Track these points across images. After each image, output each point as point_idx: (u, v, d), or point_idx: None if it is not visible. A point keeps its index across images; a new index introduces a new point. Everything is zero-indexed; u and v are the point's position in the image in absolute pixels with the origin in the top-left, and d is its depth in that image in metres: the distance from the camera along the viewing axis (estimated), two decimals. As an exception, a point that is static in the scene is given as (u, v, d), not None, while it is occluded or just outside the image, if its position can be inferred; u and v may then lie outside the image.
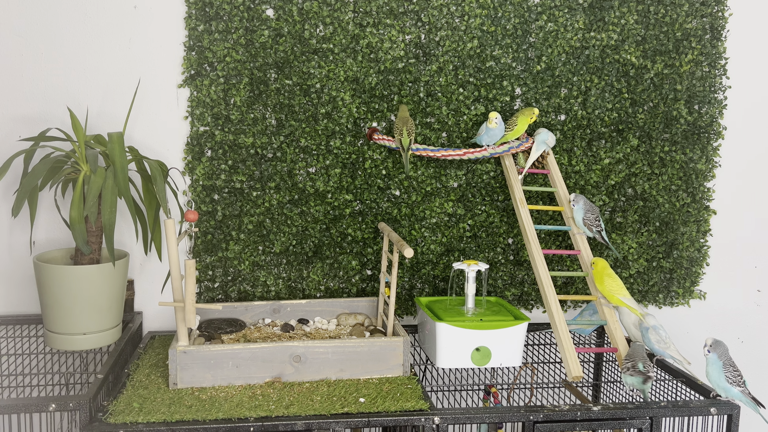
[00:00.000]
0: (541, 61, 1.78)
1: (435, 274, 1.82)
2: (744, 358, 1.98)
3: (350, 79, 1.72)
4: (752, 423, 1.89)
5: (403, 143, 1.67)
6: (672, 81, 1.83)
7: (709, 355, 1.40)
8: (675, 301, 1.93)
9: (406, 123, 1.67)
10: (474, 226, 1.81)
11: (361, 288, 1.80)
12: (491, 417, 1.29)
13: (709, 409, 1.35)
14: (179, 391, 1.34)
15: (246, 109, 1.70)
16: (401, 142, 1.67)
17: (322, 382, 1.39)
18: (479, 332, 1.45)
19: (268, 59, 1.69)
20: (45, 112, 1.66)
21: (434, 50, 1.75)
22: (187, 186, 1.72)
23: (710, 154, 1.88)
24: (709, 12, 1.83)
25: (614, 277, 1.56)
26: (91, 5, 1.65)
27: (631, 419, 1.33)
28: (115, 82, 1.68)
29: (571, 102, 1.80)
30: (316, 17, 1.70)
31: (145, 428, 1.19)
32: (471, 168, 1.79)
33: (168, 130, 1.71)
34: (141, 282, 1.74)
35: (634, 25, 1.80)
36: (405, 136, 1.66)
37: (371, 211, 1.77)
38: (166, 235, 1.32)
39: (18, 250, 1.68)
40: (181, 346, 1.36)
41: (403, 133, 1.66)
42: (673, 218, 1.88)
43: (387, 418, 1.26)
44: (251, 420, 1.22)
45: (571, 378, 1.43)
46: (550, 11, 1.77)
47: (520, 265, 1.84)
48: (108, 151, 1.44)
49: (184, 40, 1.69)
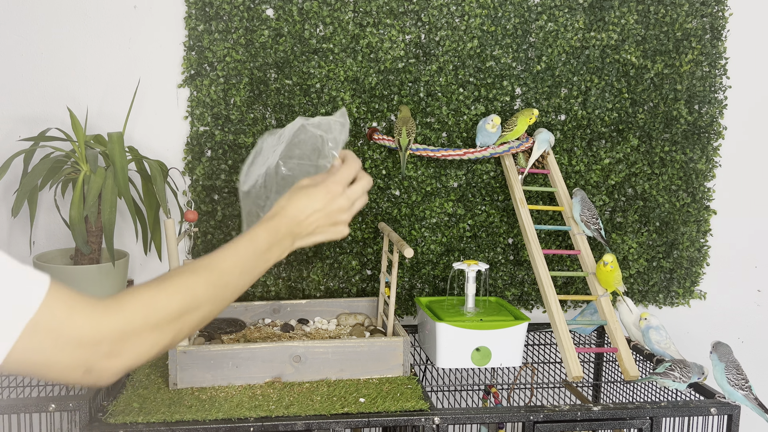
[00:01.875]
0: (541, 61, 1.78)
1: (435, 274, 1.81)
2: (744, 358, 1.97)
3: (350, 79, 1.72)
4: (753, 423, 1.89)
5: (401, 143, 1.67)
6: (672, 81, 1.83)
7: (711, 356, 1.40)
8: (675, 301, 1.93)
9: (407, 123, 1.67)
10: (474, 226, 1.81)
11: (361, 288, 1.80)
12: (491, 417, 1.29)
13: (709, 409, 1.35)
14: (179, 391, 1.34)
15: (246, 109, 1.70)
16: (399, 141, 1.67)
17: (322, 382, 1.39)
18: (479, 332, 1.45)
19: (268, 59, 1.69)
20: (45, 112, 1.66)
21: (434, 50, 1.75)
22: (187, 186, 1.72)
23: (710, 154, 1.88)
24: (709, 12, 1.83)
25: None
26: (91, 5, 1.65)
27: (631, 419, 1.33)
28: (115, 82, 1.68)
29: (571, 102, 1.80)
30: (316, 17, 1.70)
31: (145, 428, 1.19)
32: (471, 168, 1.79)
33: (168, 130, 1.71)
34: (141, 282, 1.74)
35: (634, 25, 1.80)
36: (404, 136, 1.66)
37: (371, 211, 1.77)
38: (166, 235, 1.32)
39: (18, 250, 1.68)
40: (180, 346, 1.36)
41: (402, 133, 1.66)
42: (673, 218, 1.88)
43: (387, 418, 1.26)
44: (251, 420, 1.22)
45: (571, 378, 1.43)
46: (550, 11, 1.77)
47: (520, 265, 1.84)
48: (108, 151, 1.44)
49: (184, 40, 1.69)
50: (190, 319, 0.79)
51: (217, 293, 0.82)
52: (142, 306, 0.74)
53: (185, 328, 0.79)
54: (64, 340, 0.67)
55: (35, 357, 0.66)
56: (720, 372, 1.38)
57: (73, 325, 0.67)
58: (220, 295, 0.83)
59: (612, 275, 1.55)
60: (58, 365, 0.68)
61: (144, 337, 0.73)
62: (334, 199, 0.95)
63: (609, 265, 1.54)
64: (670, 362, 1.44)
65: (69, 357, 0.68)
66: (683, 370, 1.41)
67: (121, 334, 0.71)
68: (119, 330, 0.71)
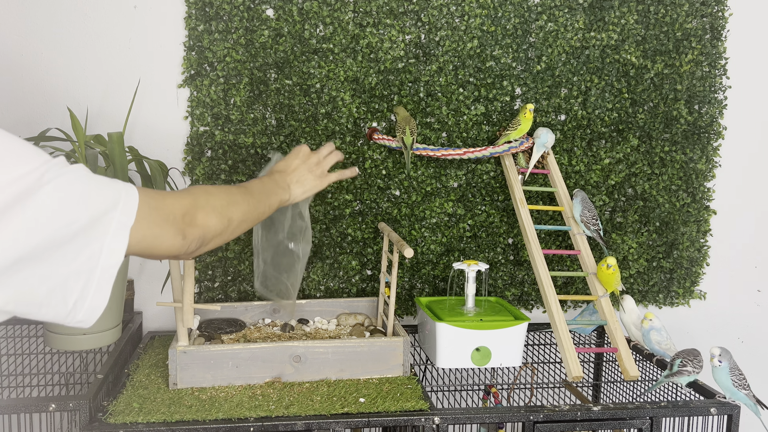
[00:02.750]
0: (541, 61, 1.78)
1: (435, 274, 1.82)
2: (744, 358, 1.97)
3: (350, 79, 1.72)
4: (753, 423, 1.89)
5: (406, 142, 1.67)
6: (672, 81, 1.83)
7: (721, 365, 1.38)
8: (675, 301, 1.93)
9: (409, 122, 1.67)
10: (474, 226, 1.81)
11: (361, 288, 1.80)
12: (491, 417, 1.29)
13: (709, 409, 1.35)
14: (179, 391, 1.34)
15: (246, 109, 1.70)
16: (403, 140, 1.67)
17: (322, 382, 1.39)
18: (479, 332, 1.45)
19: (268, 59, 1.69)
20: (45, 112, 1.66)
21: (434, 50, 1.75)
22: (187, 186, 1.72)
23: (710, 154, 1.88)
24: (709, 12, 1.83)
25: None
26: (91, 5, 1.65)
27: (631, 419, 1.33)
28: (115, 82, 1.68)
29: (571, 102, 1.80)
30: (316, 17, 1.70)
31: (145, 428, 1.19)
32: (471, 168, 1.79)
33: (168, 130, 1.71)
34: (141, 282, 1.74)
35: (634, 25, 1.80)
36: (408, 135, 1.66)
37: (371, 211, 1.77)
38: (166, 235, 1.32)
39: (18, 250, 1.68)
40: (180, 346, 1.36)
41: (405, 132, 1.66)
42: (673, 218, 1.88)
43: (387, 418, 1.26)
44: (251, 420, 1.22)
45: (571, 378, 1.43)
46: (550, 11, 1.77)
47: (520, 265, 1.84)
48: (108, 151, 1.44)
49: (184, 40, 1.69)
50: (235, 210, 1.06)
51: (248, 202, 1.12)
52: (203, 192, 1.02)
53: (234, 217, 1.05)
54: (164, 213, 0.89)
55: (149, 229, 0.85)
56: (725, 375, 1.38)
57: (165, 203, 0.90)
58: (249, 201, 1.13)
59: (614, 277, 1.55)
60: (164, 234, 0.88)
61: (207, 212, 0.98)
62: (307, 157, 1.37)
63: (611, 267, 1.54)
64: (680, 359, 1.43)
65: (170, 226, 0.89)
66: (695, 361, 1.42)
67: (193, 207, 0.95)
68: (191, 204, 0.95)
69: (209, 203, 1.00)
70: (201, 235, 0.96)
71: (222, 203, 1.03)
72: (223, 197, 1.05)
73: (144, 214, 0.83)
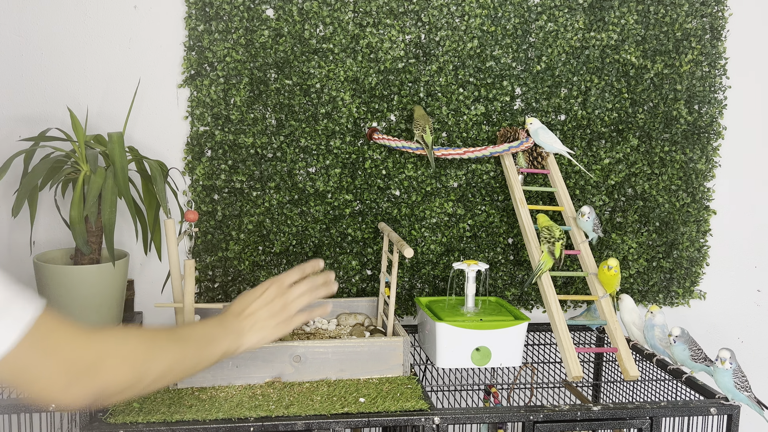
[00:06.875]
0: (541, 61, 1.78)
1: (435, 274, 1.82)
2: (744, 358, 1.97)
3: (350, 79, 1.72)
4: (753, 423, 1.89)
5: (426, 140, 1.67)
6: (672, 81, 1.83)
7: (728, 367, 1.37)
8: (675, 301, 1.93)
9: (428, 121, 1.68)
10: (474, 226, 1.81)
11: (361, 288, 1.80)
12: (491, 417, 1.29)
13: (709, 409, 1.35)
14: (179, 391, 1.34)
15: (246, 109, 1.70)
16: (423, 138, 1.67)
17: (322, 382, 1.39)
18: (479, 332, 1.45)
19: (268, 59, 1.69)
20: (45, 112, 1.66)
21: (434, 50, 1.75)
22: (187, 186, 1.72)
23: (710, 154, 1.88)
24: (709, 12, 1.83)
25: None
26: (91, 5, 1.66)
27: (631, 419, 1.33)
28: (115, 82, 1.68)
29: (571, 102, 1.80)
30: (316, 17, 1.70)
31: (145, 428, 1.19)
32: (471, 168, 1.79)
33: (168, 130, 1.71)
34: (141, 282, 1.74)
35: (634, 25, 1.80)
36: (428, 134, 1.67)
37: (371, 211, 1.77)
38: (166, 235, 1.32)
39: (18, 250, 1.68)
40: (181, 346, 1.36)
41: (426, 130, 1.66)
42: (673, 218, 1.88)
43: (387, 418, 1.26)
44: (251, 420, 1.22)
45: (571, 378, 1.43)
46: (550, 11, 1.77)
47: (520, 265, 1.84)
48: (108, 151, 1.44)
49: (184, 40, 1.69)
50: (154, 364, 0.92)
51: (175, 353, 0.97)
52: (116, 339, 0.89)
53: (151, 371, 0.91)
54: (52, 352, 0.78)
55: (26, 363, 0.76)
56: (728, 377, 1.37)
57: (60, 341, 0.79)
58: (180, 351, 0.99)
59: (615, 279, 1.55)
60: (43, 375, 0.78)
61: (115, 366, 0.86)
62: (271, 298, 1.13)
63: (613, 269, 1.54)
64: (701, 362, 1.45)
65: (54, 367, 0.78)
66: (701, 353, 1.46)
67: (98, 356, 0.83)
68: (96, 351, 0.84)
69: (120, 352, 0.88)
70: (97, 389, 0.84)
71: (138, 355, 0.90)
72: (141, 348, 0.91)
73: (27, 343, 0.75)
